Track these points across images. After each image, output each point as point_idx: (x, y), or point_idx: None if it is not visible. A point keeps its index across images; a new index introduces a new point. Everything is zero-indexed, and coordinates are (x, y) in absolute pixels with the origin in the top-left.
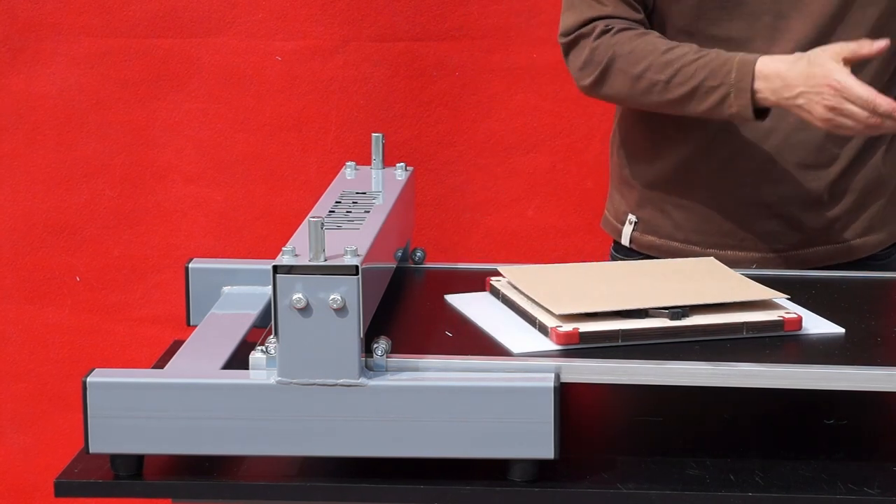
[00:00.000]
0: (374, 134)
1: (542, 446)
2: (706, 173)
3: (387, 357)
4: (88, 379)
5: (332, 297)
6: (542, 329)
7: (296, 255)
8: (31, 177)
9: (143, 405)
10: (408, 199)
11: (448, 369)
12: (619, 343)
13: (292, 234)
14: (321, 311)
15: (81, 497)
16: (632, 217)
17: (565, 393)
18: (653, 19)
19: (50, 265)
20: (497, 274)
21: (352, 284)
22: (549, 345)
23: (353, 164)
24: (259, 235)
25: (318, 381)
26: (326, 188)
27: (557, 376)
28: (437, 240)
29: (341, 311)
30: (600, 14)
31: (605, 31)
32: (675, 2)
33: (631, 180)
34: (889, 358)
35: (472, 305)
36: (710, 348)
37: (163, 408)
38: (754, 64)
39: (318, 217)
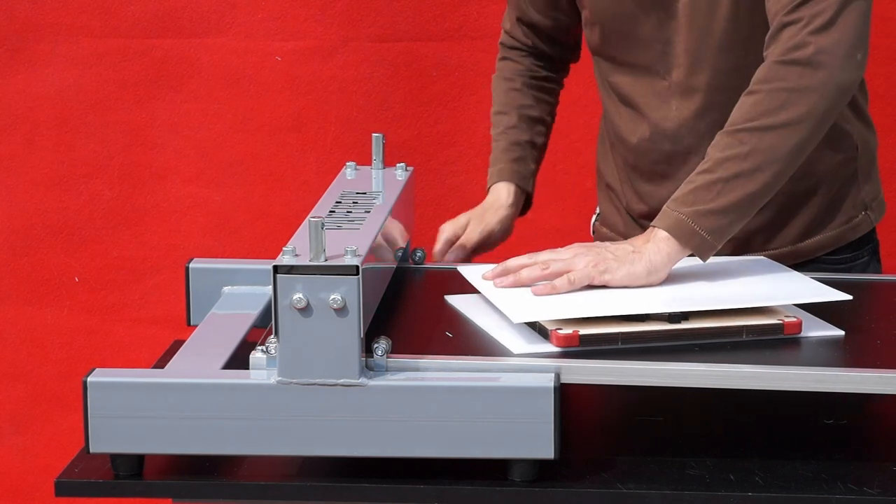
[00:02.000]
0: (374, 134)
1: (542, 446)
2: (637, 179)
3: (387, 357)
4: (89, 379)
5: (332, 297)
6: (542, 331)
7: (296, 255)
8: (29, 177)
9: (143, 405)
10: (408, 199)
11: (448, 369)
12: (619, 346)
13: (292, 234)
14: (321, 311)
15: (81, 497)
16: (598, 209)
17: (565, 393)
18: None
19: (49, 266)
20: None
21: (352, 284)
22: (549, 347)
23: (353, 164)
24: (258, 235)
25: (318, 381)
26: (326, 188)
27: (557, 376)
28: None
29: (341, 311)
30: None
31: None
32: (589, 29)
33: (599, 174)
34: (888, 360)
35: (472, 306)
36: (708, 350)
37: (163, 408)
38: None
39: (319, 217)
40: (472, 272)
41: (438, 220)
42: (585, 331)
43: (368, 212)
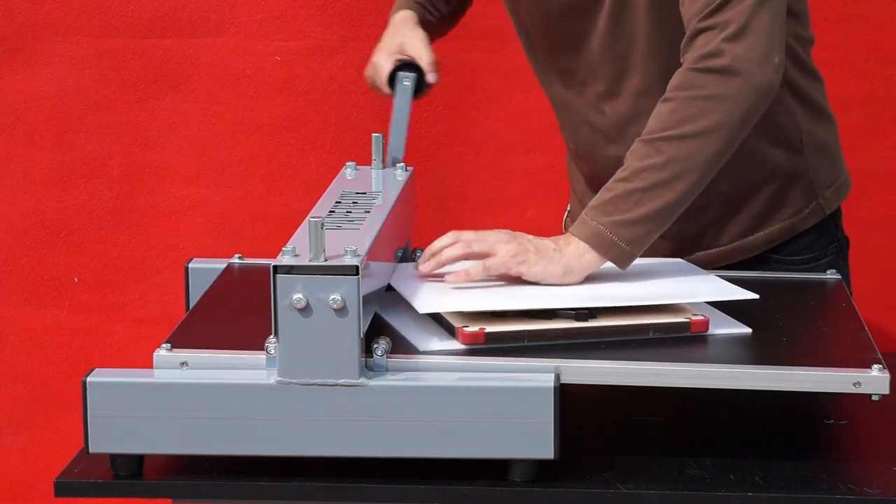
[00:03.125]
0: (374, 134)
1: (542, 446)
2: (579, 183)
3: (387, 357)
4: (88, 379)
5: (332, 297)
6: (449, 328)
7: (296, 256)
8: (28, 177)
9: (143, 405)
10: (408, 199)
11: (448, 369)
12: (525, 343)
13: (291, 234)
14: (321, 311)
15: (81, 497)
16: (569, 207)
17: (565, 393)
18: None
19: (48, 266)
20: None
21: (352, 284)
22: (456, 344)
23: (353, 164)
24: (258, 236)
25: (318, 381)
26: (325, 188)
27: (557, 376)
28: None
29: (341, 311)
30: None
31: None
32: (521, 36)
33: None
34: (791, 358)
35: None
36: (615, 348)
37: (163, 408)
38: None
39: (318, 217)
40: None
41: (438, 220)
42: (492, 328)
43: (368, 212)
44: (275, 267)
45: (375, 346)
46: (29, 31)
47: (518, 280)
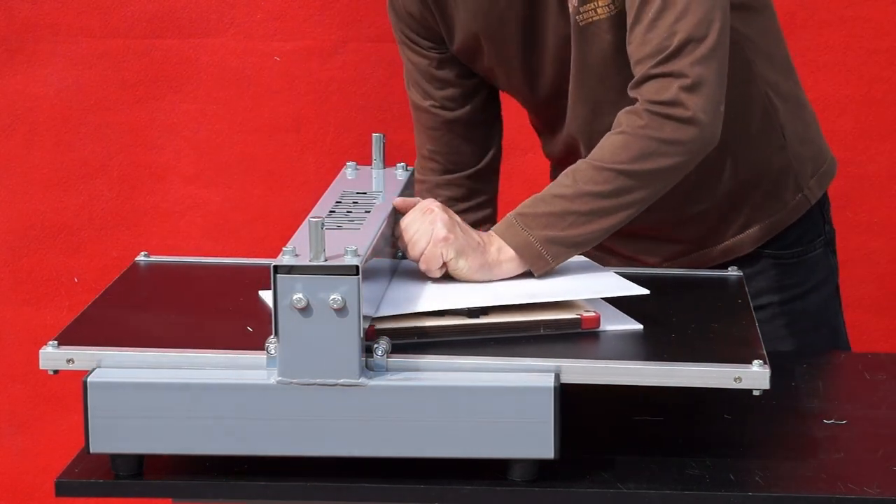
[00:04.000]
0: (374, 134)
1: (542, 446)
2: None
3: (387, 357)
4: (88, 379)
5: (332, 297)
6: None
7: (296, 255)
8: (28, 178)
9: (143, 405)
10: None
11: (448, 369)
12: (416, 340)
13: (291, 234)
14: (321, 311)
15: (81, 497)
16: None
17: (565, 393)
18: None
19: (48, 266)
20: None
21: (352, 284)
22: None
23: (353, 164)
24: (258, 236)
25: (318, 381)
26: (325, 188)
27: (557, 376)
28: None
29: (341, 311)
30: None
31: None
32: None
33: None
34: (674, 353)
35: None
36: (505, 344)
37: (163, 408)
38: None
39: (319, 217)
40: None
41: None
42: (381, 325)
43: (368, 212)
44: (275, 267)
45: (375, 346)
46: (29, 31)
47: (419, 277)
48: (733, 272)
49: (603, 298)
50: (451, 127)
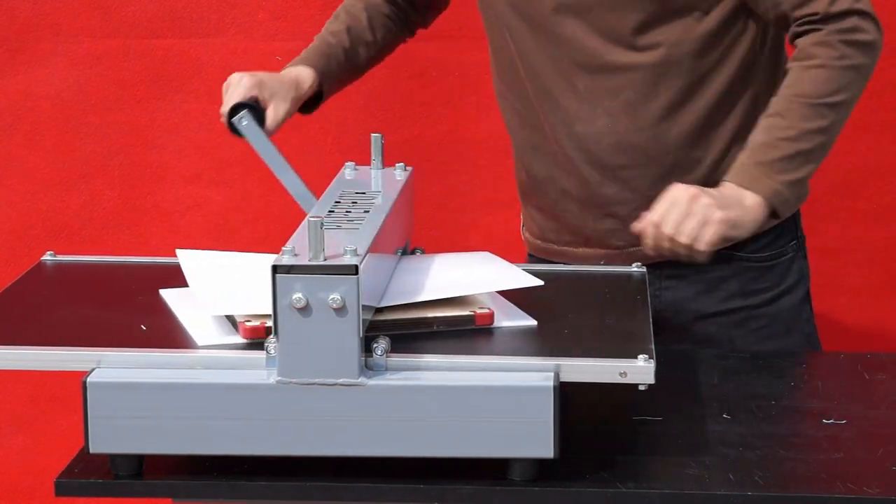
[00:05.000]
0: (373, 134)
1: (542, 446)
2: (545, 176)
3: (387, 357)
4: (88, 379)
5: (331, 296)
6: (233, 321)
7: (295, 255)
8: (29, 177)
9: (143, 405)
10: (408, 199)
11: (448, 369)
12: None
13: (291, 234)
14: (321, 310)
15: (81, 497)
16: (523, 216)
17: (565, 393)
18: None
19: None
20: None
21: (351, 284)
22: (237, 338)
23: (352, 164)
24: (258, 236)
25: (318, 381)
26: (326, 188)
27: (557, 376)
28: (437, 240)
29: (341, 310)
30: None
31: None
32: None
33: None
34: (564, 348)
35: (184, 298)
36: (398, 341)
37: (163, 408)
38: None
39: (318, 217)
40: (188, 258)
41: (438, 220)
42: (272, 323)
43: (368, 212)
44: (274, 267)
45: (375, 345)
46: (30, 31)
47: None
48: (637, 268)
49: (503, 294)
50: None
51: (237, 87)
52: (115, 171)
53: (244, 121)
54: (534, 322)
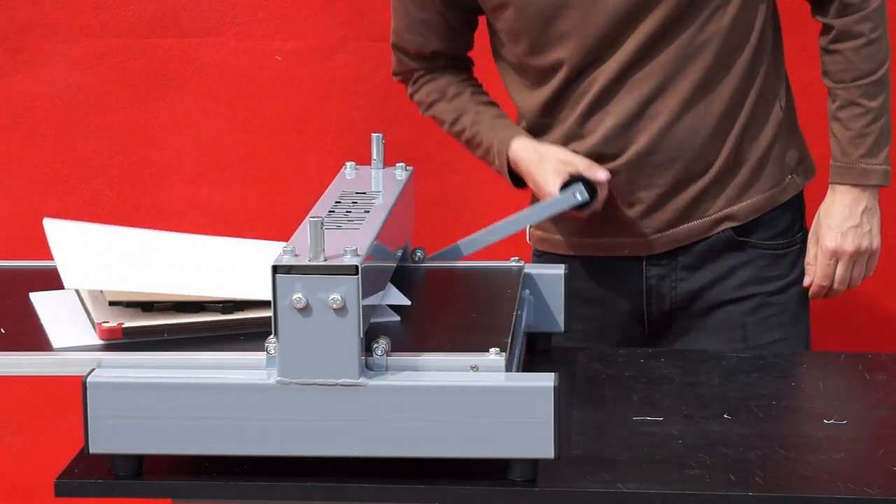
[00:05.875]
0: (373, 134)
1: (542, 446)
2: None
3: (387, 356)
4: (88, 379)
5: (331, 296)
6: (92, 322)
7: (295, 255)
8: (29, 177)
9: (143, 405)
10: (408, 199)
11: (449, 369)
12: (166, 337)
13: (292, 234)
14: (321, 311)
15: (81, 497)
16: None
17: (565, 393)
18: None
19: None
20: None
21: (351, 284)
22: (95, 339)
23: (352, 163)
24: (258, 235)
25: (318, 381)
26: (326, 188)
27: (557, 376)
28: (437, 240)
29: (341, 310)
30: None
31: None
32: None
33: None
34: (421, 343)
35: (50, 300)
36: (254, 339)
37: (163, 408)
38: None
39: (318, 217)
40: (56, 230)
41: (438, 220)
42: (130, 323)
43: (368, 212)
44: (274, 267)
45: (375, 345)
46: (30, 31)
47: (175, 257)
48: (515, 263)
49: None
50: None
51: (571, 160)
52: (115, 170)
53: (577, 194)
54: (397, 318)
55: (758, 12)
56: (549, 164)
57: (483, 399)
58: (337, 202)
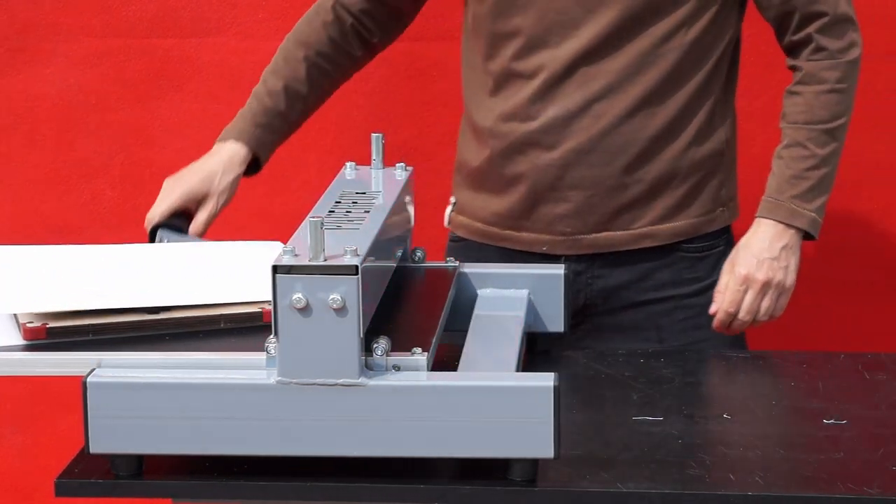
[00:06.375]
0: (373, 134)
1: (542, 446)
2: (500, 161)
3: (387, 357)
4: (88, 379)
5: (331, 297)
6: (17, 322)
7: (295, 255)
8: (30, 177)
9: (143, 405)
10: (408, 199)
11: (448, 369)
12: (90, 337)
13: (291, 234)
14: (321, 311)
15: (81, 497)
16: (452, 198)
17: (565, 392)
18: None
19: None
20: None
21: (351, 284)
22: (20, 339)
23: (352, 163)
24: (258, 235)
25: (318, 381)
26: (326, 188)
27: (557, 375)
28: (438, 240)
29: (341, 310)
30: None
31: None
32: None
33: (459, 164)
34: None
35: None
36: (181, 339)
37: (163, 408)
38: None
39: (318, 217)
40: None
41: (438, 220)
42: (54, 323)
43: (368, 212)
44: (274, 267)
45: (375, 345)
46: (30, 31)
47: (103, 269)
48: (451, 262)
49: None
50: None
51: (166, 199)
52: (116, 170)
53: (164, 240)
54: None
55: (722, 40)
56: (167, 189)
57: (483, 399)
58: (337, 202)
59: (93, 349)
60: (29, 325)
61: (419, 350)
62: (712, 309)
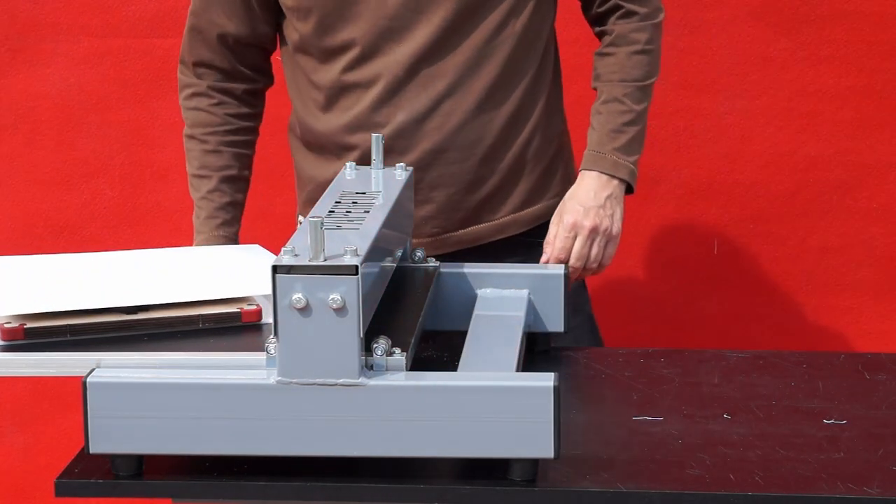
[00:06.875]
0: (373, 134)
1: (542, 446)
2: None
3: (387, 357)
4: (88, 379)
5: (331, 297)
6: None
7: (295, 255)
8: (30, 177)
9: (143, 405)
10: (408, 199)
11: (448, 369)
12: (68, 338)
13: (291, 234)
14: (321, 311)
15: (81, 497)
16: (300, 218)
17: (565, 392)
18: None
19: None
20: None
21: (351, 284)
22: None
23: (352, 163)
24: (259, 235)
25: (318, 381)
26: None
27: (557, 375)
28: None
29: (341, 311)
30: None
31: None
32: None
33: (306, 180)
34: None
35: None
36: (159, 340)
37: (163, 408)
38: None
39: (318, 217)
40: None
41: None
42: (32, 324)
43: (368, 212)
44: (274, 267)
45: (375, 345)
46: (31, 30)
47: (86, 272)
48: (432, 263)
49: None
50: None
51: None
52: (116, 170)
53: None
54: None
55: (547, 24)
56: None
57: (483, 399)
58: (337, 202)
59: (70, 349)
60: (6, 325)
61: (398, 350)
62: (543, 259)
